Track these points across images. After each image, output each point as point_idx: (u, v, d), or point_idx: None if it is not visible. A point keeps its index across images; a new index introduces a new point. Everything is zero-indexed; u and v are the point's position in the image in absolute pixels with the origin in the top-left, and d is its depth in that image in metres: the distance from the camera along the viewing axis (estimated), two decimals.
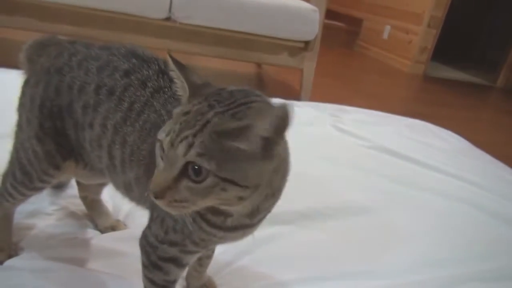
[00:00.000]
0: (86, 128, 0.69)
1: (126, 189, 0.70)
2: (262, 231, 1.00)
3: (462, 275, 0.99)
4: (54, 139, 0.72)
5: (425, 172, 1.53)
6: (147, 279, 0.66)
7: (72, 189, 0.97)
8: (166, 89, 0.65)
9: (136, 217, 0.98)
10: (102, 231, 0.96)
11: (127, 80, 0.66)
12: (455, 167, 1.58)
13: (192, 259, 0.68)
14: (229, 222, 0.56)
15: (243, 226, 0.58)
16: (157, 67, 0.67)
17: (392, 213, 1.22)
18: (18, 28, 1.99)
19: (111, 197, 1.02)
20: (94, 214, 0.98)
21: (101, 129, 0.66)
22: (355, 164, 1.48)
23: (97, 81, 0.67)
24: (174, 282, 0.67)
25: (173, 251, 0.62)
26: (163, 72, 0.66)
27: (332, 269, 0.95)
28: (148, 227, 0.65)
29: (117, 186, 0.73)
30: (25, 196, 0.81)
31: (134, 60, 0.67)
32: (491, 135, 2.69)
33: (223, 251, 0.92)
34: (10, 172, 0.78)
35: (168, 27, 2.12)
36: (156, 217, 0.63)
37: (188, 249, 0.62)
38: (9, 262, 0.81)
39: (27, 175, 0.76)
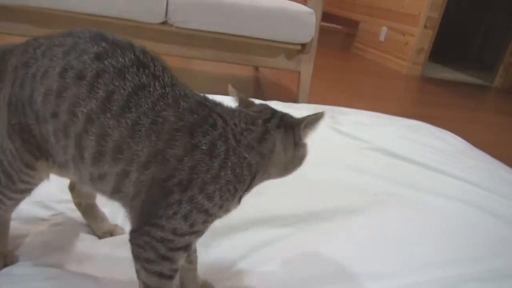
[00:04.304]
0: (48, 119, 0.64)
1: (94, 181, 0.65)
2: (259, 235, 1.01)
3: (462, 276, 0.99)
4: (20, 135, 0.70)
5: (424, 173, 1.53)
6: (154, 273, 0.65)
7: (68, 193, 0.96)
8: (151, 89, 0.60)
9: None
10: (100, 236, 0.95)
11: (99, 65, 0.60)
12: (454, 167, 1.58)
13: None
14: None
15: None
16: (133, 55, 0.62)
17: (391, 214, 1.22)
18: (14, 35, 1.99)
19: (109, 201, 1.01)
20: (90, 219, 0.97)
21: (69, 116, 0.61)
22: (353, 165, 1.47)
23: (63, 64, 0.62)
24: (177, 270, 0.68)
25: (192, 238, 0.65)
26: (143, 64, 0.62)
27: (330, 271, 0.94)
28: (151, 224, 0.62)
29: (82, 179, 0.68)
30: (14, 200, 0.79)
31: (104, 44, 0.62)
32: (489, 135, 2.69)
33: (221, 257, 0.92)
34: None
35: (164, 32, 2.12)
36: (174, 214, 0.61)
37: (207, 227, 0.66)
38: (5, 270, 0.80)
39: (9, 176, 0.74)
